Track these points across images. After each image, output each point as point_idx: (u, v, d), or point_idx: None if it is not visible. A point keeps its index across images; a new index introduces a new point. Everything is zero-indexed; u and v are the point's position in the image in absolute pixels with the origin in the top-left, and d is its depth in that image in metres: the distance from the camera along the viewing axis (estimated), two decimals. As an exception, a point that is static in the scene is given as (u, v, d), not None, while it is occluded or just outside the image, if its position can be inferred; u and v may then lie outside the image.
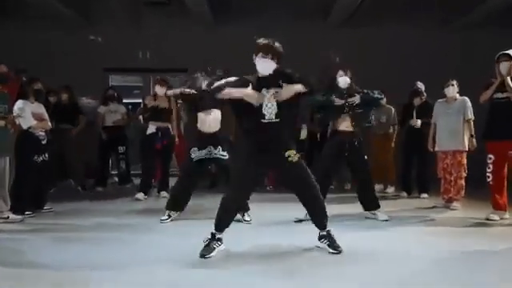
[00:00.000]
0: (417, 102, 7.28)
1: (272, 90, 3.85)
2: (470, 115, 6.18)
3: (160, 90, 7.13)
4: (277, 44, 3.93)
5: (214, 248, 3.92)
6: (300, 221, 5.10)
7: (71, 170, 8.14)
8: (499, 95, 5.34)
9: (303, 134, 8.25)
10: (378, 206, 5.50)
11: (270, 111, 3.84)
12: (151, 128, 7.13)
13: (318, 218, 4.05)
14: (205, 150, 5.27)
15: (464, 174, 6.20)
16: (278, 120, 3.84)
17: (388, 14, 9.86)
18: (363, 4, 8.87)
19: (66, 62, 9.72)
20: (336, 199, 6.61)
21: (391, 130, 7.89)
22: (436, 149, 6.42)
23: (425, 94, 7.30)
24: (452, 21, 9.93)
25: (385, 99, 7.75)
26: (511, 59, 5.24)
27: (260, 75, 3.95)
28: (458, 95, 6.28)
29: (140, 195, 6.96)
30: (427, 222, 5.47)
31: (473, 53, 9.71)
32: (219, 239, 3.98)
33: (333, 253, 3.93)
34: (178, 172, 6.85)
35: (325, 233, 4.03)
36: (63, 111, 7.71)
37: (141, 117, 8.79)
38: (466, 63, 9.44)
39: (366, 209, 5.51)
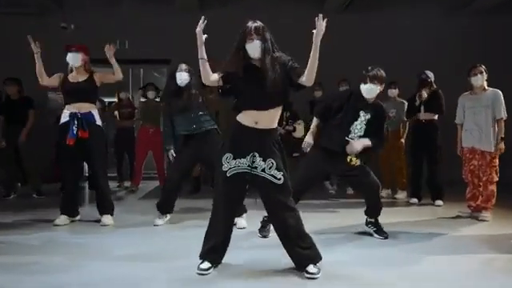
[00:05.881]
0: (425, 93, 6.32)
1: None
2: (503, 113, 5.19)
3: (73, 59, 5.03)
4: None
5: None
6: None
7: (29, 174, 7.00)
8: None
9: (299, 130, 7.24)
10: None
11: None
12: (65, 114, 4.93)
13: None
14: (244, 158, 3.24)
15: (496, 178, 5.22)
16: None
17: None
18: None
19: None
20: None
21: (401, 127, 6.91)
22: (463, 145, 5.47)
23: (434, 85, 6.37)
24: (463, 5, 9.09)
25: (396, 90, 6.92)
26: None
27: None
28: (486, 85, 5.31)
29: (60, 220, 4.90)
30: (457, 239, 4.47)
31: (486, 40, 9.01)
32: None
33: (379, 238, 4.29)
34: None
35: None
36: (13, 108, 6.63)
37: (116, 113, 7.94)
38: (479, 51, 8.58)
39: None
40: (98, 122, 4.99)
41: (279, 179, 3.17)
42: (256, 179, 3.22)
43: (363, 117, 4.15)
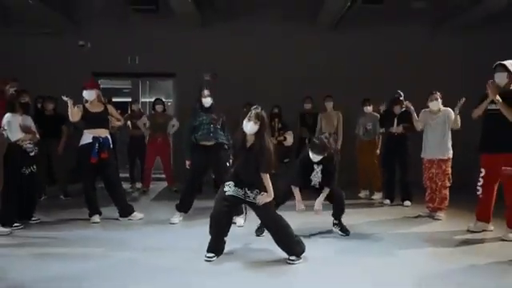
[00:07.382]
0: (397, 110, 7.34)
1: None
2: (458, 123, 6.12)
3: (89, 95, 6.13)
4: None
5: None
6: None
7: (57, 176, 8.03)
8: (493, 106, 5.17)
9: (289, 140, 8.19)
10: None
11: None
12: (87, 137, 6.05)
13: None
14: (241, 190, 4.46)
15: (448, 184, 6.28)
16: None
17: (378, 18, 9.88)
18: (352, 8, 8.86)
19: (53, 66, 9.68)
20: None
21: (376, 138, 7.98)
22: (422, 155, 6.50)
23: (404, 103, 7.23)
24: (445, 24, 9.88)
25: (371, 107, 7.91)
26: (507, 70, 5.13)
27: None
28: (441, 107, 6.35)
29: (95, 218, 6.08)
30: (412, 235, 5.52)
31: (466, 57, 9.75)
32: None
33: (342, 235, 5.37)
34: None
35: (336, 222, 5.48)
36: (48, 123, 7.52)
37: (129, 123, 8.88)
38: (459, 68, 9.54)
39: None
40: (111, 145, 6.24)
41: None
42: (251, 204, 4.47)
43: (317, 168, 5.32)
